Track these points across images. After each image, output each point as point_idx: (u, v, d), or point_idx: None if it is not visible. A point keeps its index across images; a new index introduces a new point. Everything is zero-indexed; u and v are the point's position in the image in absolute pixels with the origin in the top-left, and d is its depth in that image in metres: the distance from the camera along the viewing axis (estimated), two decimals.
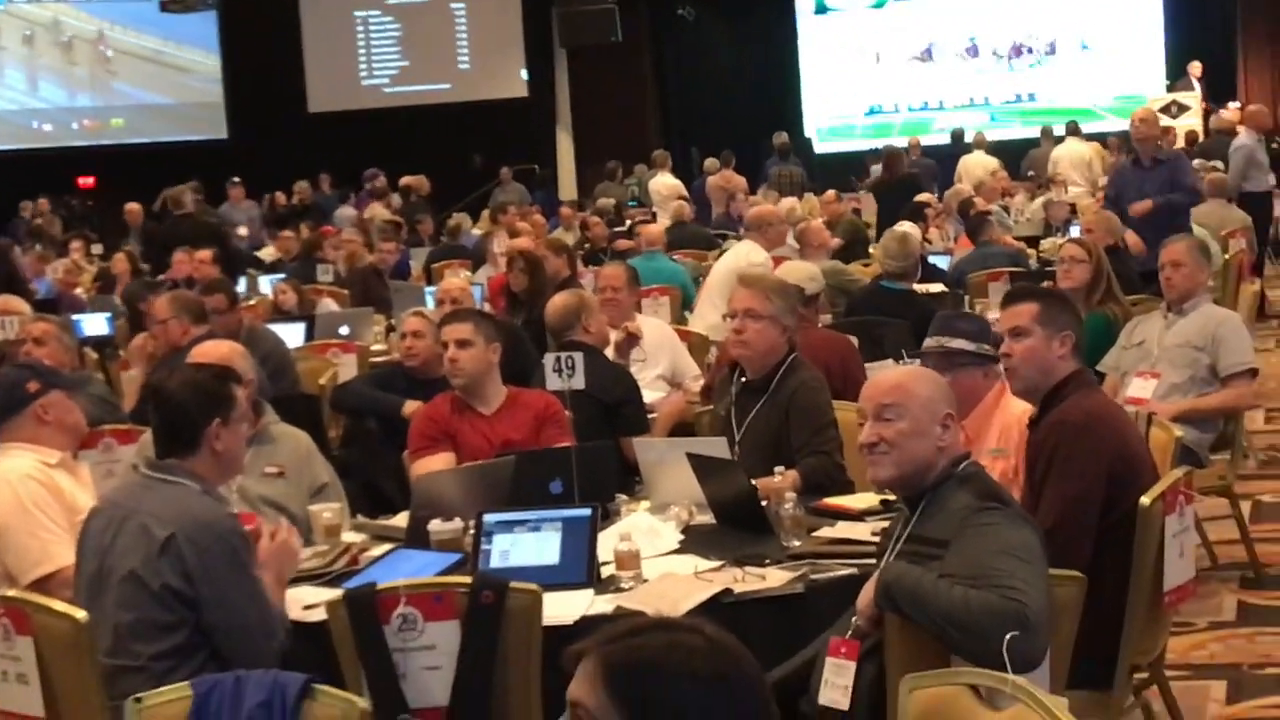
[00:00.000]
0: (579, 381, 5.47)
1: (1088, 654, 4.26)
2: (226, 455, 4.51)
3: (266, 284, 14.07)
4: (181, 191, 15.74)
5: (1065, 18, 26.23)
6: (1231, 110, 20.92)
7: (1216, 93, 22.31)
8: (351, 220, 18.83)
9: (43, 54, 26.18)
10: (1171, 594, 4.61)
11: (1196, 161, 13.84)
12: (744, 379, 6.01)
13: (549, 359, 5.56)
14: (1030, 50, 26.54)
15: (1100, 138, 20.86)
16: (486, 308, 10.22)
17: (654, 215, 17.92)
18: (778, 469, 5.36)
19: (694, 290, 11.62)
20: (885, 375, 4.27)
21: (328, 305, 12.05)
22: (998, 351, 5.08)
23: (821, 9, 27.27)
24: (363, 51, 26.98)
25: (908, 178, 18.83)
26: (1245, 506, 7.67)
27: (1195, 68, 22.62)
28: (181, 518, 4.31)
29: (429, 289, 12.34)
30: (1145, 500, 4.52)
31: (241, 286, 12.88)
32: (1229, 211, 13.80)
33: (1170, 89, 22.58)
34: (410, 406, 7.38)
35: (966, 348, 5.43)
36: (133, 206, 19.27)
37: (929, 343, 5.57)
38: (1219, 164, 15.63)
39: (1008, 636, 3.56)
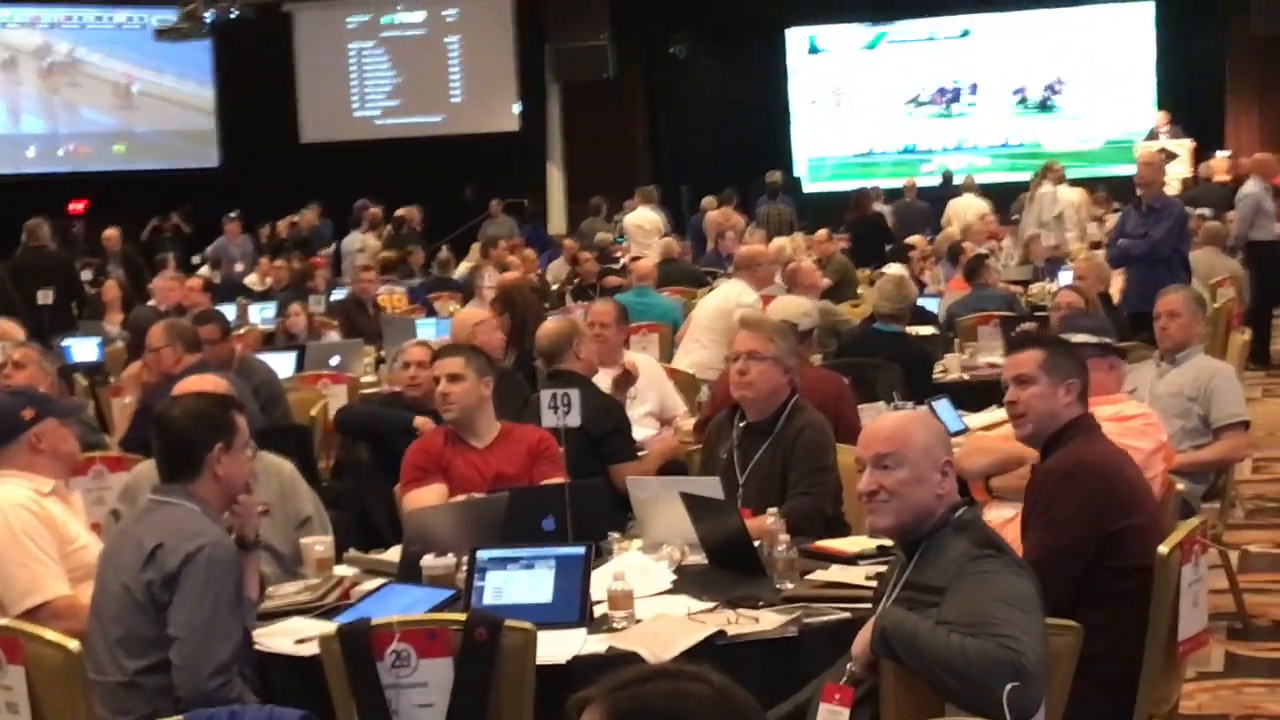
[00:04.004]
0: (574, 419, 5.46)
1: (1102, 702, 4.26)
2: (228, 480, 4.54)
3: (256, 313, 14.08)
4: (38, 224, 15.62)
5: (1057, 64, 26.35)
6: (1220, 158, 21.01)
7: (1205, 141, 22.37)
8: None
9: (35, 79, 26.14)
10: (1186, 643, 4.61)
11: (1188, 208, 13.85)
12: (745, 422, 6.03)
13: (544, 395, 5.54)
14: (1021, 94, 26.64)
15: (1089, 183, 20.95)
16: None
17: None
18: (770, 510, 5.36)
19: None
20: (884, 422, 4.26)
21: (331, 336, 12.09)
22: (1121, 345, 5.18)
23: (814, 49, 27.37)
24: (355, 83, 27.02)
25: (875, 218, 19.04)
26: (1234, 556, 7.68)
27: (1162, 117, 22.70)
28: (172, 531, 4.36)
29: (421, 321, 12.36)
30: (1163, 550, 4.51)
31: (231, 314, 12.87)
32: (1220, 260, 13.85)
33: (1148, 138, 22.62)
34: (421, 419, 7.41)
35: (1089, 340, 5.68)
36: (110, 233, 19.21)
37: None
38: (1206, 211, 15.68)
39: (1008, 687, 3.56)
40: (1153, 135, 22.42)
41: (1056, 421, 4.85)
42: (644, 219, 20.33)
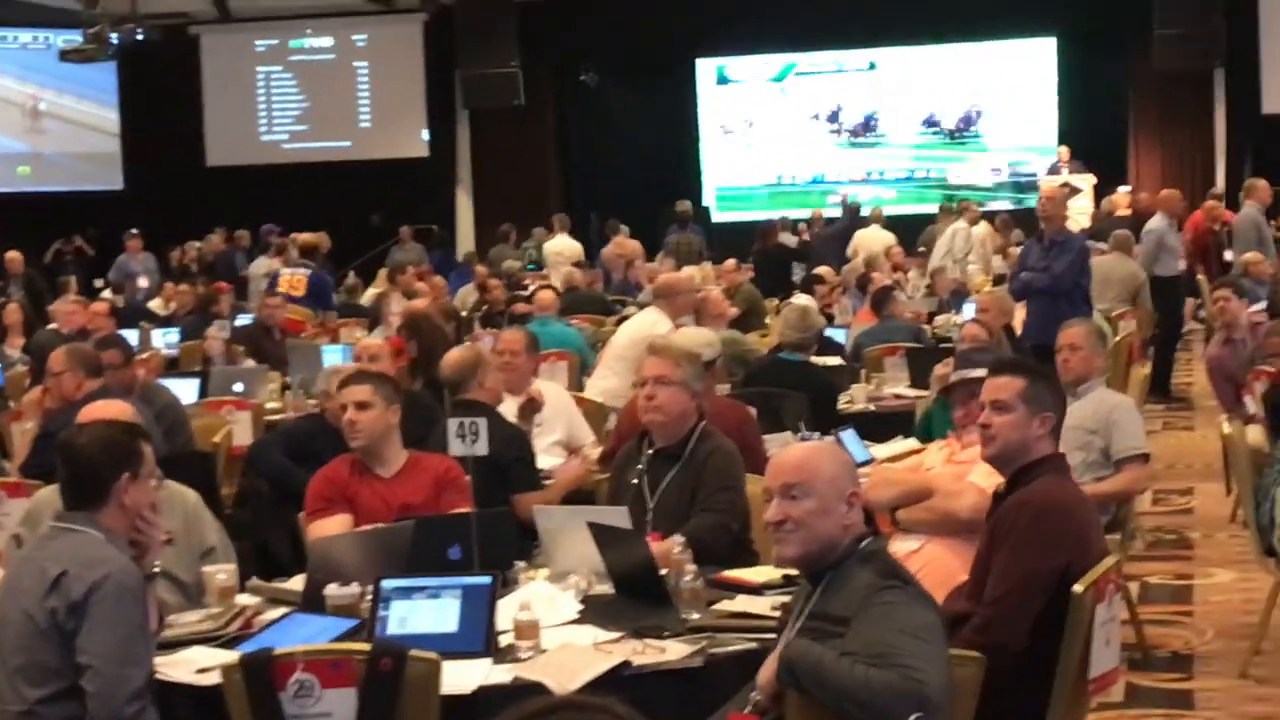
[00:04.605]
0: (482, 447, 5.45)
1: None
2: (134, 509, 4.48)
3: (160, 338, 13.96)
4: None
5: (962, 97, 26.62)
6: (1122, 193, 21.26)
7: (1107, 176, 22.65)
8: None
9: None
10: (1095, 681, 4.61)
11: (1089, 242, 14.00)
12: (653, 449, 6.04)
13: (452, 424, 5.52)
14: (926, 127, 26.88)
15: (991, 215, 21.17)
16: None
17: (544, 279, 17.95)
18: (676, 539, 5.37)
19: (591, 356, 11.63)
20: (792, 452, 4.28)
21: (248, 362, 12.07)
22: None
23: (723, 80, 27.50)
24: (263, 107, 26.87)
25: (777, 248, 19.20)
26: (1134, 588, 7.75)
27: (1064, 152, 22.98)
28: (77, 558, 4.31)
29: (327, 347, 12.29)
30: (1078, 588, 4.51)
31: (134, 339, 12.75)
32: (1123, 264, 14.12)
33: (1051, 172, 22.88)
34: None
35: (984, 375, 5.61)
36: (13, 255, 18.95)
37: (954, 379, 5.88)
38: (1104, 245, 15.87)
39: (912, 717, 3.58)
40: (1055, 169, 22.68)
41: (1026, 453, 4.80)
42: (564, 246, 20.36)
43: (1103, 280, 13.84)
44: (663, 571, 5.12)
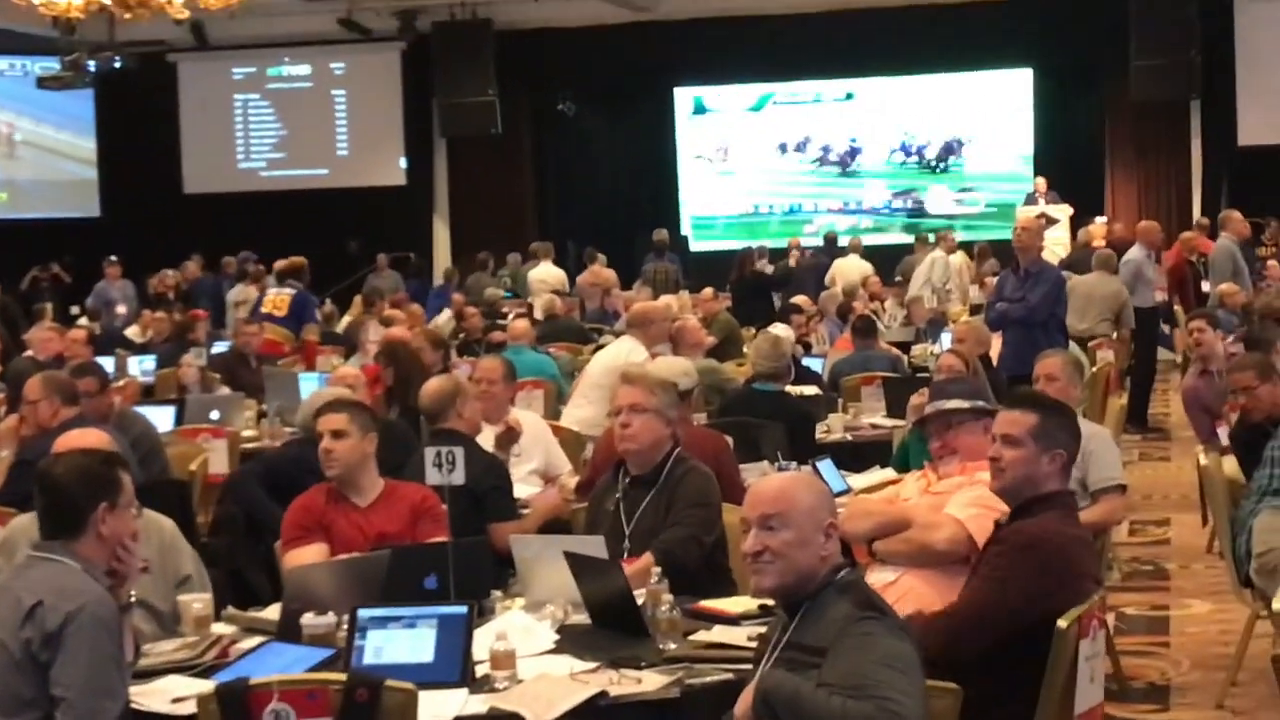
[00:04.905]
0: (459, 477, 5.44)
1: None
2: (113, 540, 4.45)
3: (136, 365, 13.93)
4: None
5: (939, 128, 26.70)
6: (1098, 224, 21.33)
7: (1084, 207, 22.70)
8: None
9: None
10: (1081, 718, 4.60)
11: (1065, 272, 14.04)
12: (629, 477, 6.08)
13: (429, 453, 5.51)
14: (903, 157, 26.96)
15: (969, 246, 21.22)
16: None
17: (530, 307, 17.94)
18: (654, 569, 5.36)
19: (567, 384, 11.62)
20: (770, 483, 4.28)
21: (223, 390, 12.04)
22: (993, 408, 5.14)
23: (700, 109, 27.54)
24: (240, 135, 26.83)
25: (754, 277, 19.22)
26: (1110, 619, 7.76)
27: (1041, 183, 23.03)
28: (52, 589, 4.27)
29: (303, 375, 12.27)
30: (1062, 623, 4.50)
31: (110, 366, 12.71)
32: (1107, 282, 14.22)
33: (1027, 202, 22.92)
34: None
35: (961, 405, 5.70)
36: None
37: (928, 411, 5.86)
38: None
39: None
40: (1031, 200, 22.74)
41: (1034, 488, 4.80)
42: (547, 274, 20.38)
43: (1085, 299, 13.92)
44: (640, 600, 5.12)
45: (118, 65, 21.53)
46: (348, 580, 5.30)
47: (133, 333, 17.76)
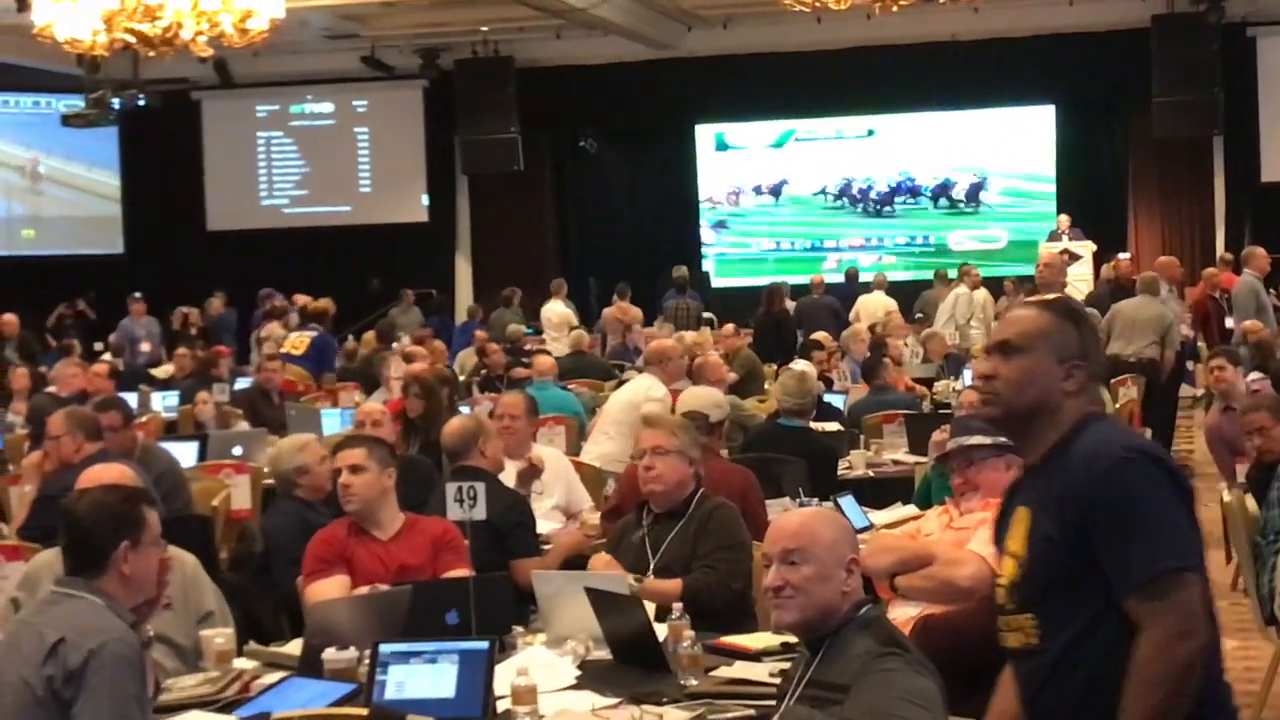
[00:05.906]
0: (480, 512, 5.45)
1: None
2: (136, 578, 4.43)
3: (159, 400, 13.98)
4: None
5: (962, 164, 26.69)
6: (1122, 260, 21.29)
7: (1107, 243, 22.66)
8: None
9: None
10: None
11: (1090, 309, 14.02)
12: (654, 513, 6.15)
13: (450, 488, 5.52)
14: (926, 194, 26.96)
15: (992, 282, 21.19)
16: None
17: (543, 343, 17.97)
18: (675, 605, 5.36)
19: (589, 420, 11.62)
20: (790, 518, 4.28)
21: (241, 425, 12.05)
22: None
23: (722, 146, 27.58)
24: (264, 172, 26.93)
25: (780, 314, 19.16)
26: None
27: (1064, 220, 22.98)
28: (75, 626, 4.26)
29: (326, 411, 12.30)
30: None
31: (133, 401, 12.76)
32: (1152, 306, 14.29)
33: (1050, 239, 22.89)
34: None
35: (984, 441, 5.69)
36: (9, 317, 18.99)
37: (950, 447, 5.86)
38: (1095, 312, 15.86)
39: None
40: (1055, 236, 22.72)
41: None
42: (553, 311, 20.43)
43: (1129, 324, 13.91)
44: (661, 636, 5.12)
45: (142, 103, 21.64)
46: (369, 615, 5.31)
47: (164, 370, 17.82)
